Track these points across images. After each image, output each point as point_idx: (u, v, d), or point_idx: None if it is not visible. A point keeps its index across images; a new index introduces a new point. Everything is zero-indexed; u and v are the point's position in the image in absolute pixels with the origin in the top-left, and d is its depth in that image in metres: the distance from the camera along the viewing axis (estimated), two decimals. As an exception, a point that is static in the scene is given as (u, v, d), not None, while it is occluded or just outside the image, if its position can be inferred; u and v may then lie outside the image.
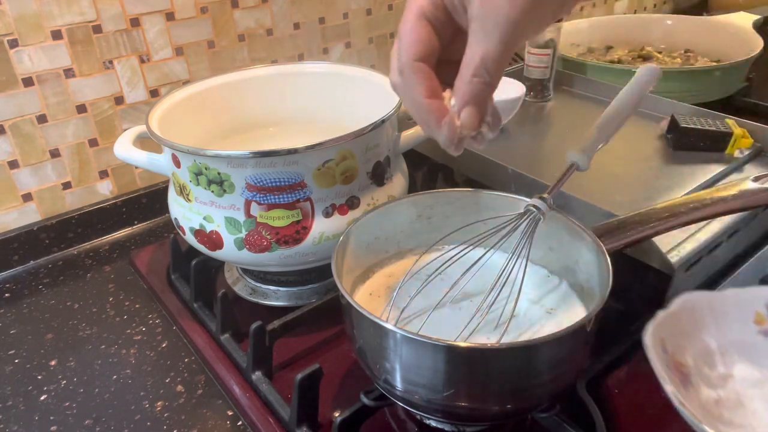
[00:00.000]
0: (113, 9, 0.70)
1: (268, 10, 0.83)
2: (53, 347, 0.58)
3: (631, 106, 0.48)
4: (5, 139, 0.68)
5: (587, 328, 0.38)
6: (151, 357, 0.57)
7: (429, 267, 0.48)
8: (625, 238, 0.47)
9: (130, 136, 0.61)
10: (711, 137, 0.68)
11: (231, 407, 0.51)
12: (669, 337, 0.43)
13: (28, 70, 0.67)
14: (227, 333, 0.56)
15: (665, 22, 1.14)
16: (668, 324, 0.43)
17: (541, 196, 0.44)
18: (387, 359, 0.39)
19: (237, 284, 0.64)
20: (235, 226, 0.54)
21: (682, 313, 0.44)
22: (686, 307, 0.45)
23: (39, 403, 0.52)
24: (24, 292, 0.67)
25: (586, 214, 0.57)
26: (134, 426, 0.49)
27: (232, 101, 0.69)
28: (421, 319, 0.45)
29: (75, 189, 0.75)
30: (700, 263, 0.55)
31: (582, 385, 0.47)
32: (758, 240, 0.65)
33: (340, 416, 0.45)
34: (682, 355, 0.43)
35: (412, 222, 0.52)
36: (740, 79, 0.96)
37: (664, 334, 0.42)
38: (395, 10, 0.96)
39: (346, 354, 0.54)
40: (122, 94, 0.75)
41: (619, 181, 0.63)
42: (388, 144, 0.57)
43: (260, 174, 0.51)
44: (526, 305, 0.47)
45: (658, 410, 0.48)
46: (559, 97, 0.90)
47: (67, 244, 0.74)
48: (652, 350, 0.40)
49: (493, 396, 0.39)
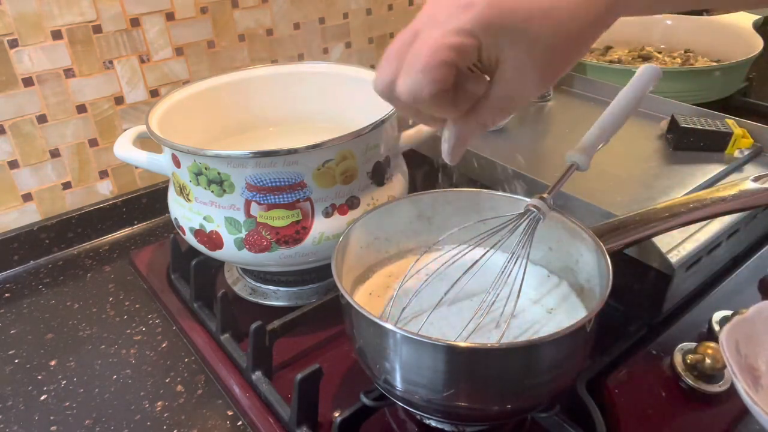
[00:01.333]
0: (113, 9, 0.70)
1: (268, 10, 0.83)
2: (53, 347, 0.58)
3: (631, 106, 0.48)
4: (5, 139, 0.68)
5: (587, 328, 0.38)
6: (151, 357, 0.57)
7: (429, 267, 0.48)
8: (625, 238, 0.47)
9: (130, 136, 0.61)
10: (711, 137, 0.68)
11: (231, 407, 0.51)
12: (743, 340, 0.43)
13: (28, 70, 0.67)
14: (227, 333, 0.56)
15: (665, 22, 1.14)
16: (743, 328, 0.43)
17: (541, 196, 0.44)
18: (387, 359, 0.39)
19: (237, 284, 0.64)
20: (235, 226, 0.54)
21: (756, 320, 0.45)
22: (761, 314, 0.45)
23: (39, 403, 0.52)
24: (24, 292, 0.67)
25: (586, 214, 0.57)
26: (134, 426, 0.49)
27: (231, 101, 0.69)
28: (421, 319, 0.45)
29: (75, 189, 0.75)
30: (700, 263, 0.55)
31: (582, 385, 0.47)
32: (758, 240, 0.65)
33: (340, 416, 0.45)
34: (755, 359, 0.44)
35: (412, 222, 0.52)
36: (740, 79, 0.96)
37: (739, 337, 0.43)
38: (395, 10, 0.96)
39: (346, 354, 0.54)
40: (122, 94, 0.75)
41: (619, 181, 0.63)
42: (388, 144, 0.57)
43: (260, 174, 0.51)
44: (526, 305, 0.47)
45: (658, 410, 0.48)
46: (558, 97, 0.90)
47: (67, 244, 0.74)
48: (726, 349, 0.40)
49: (493, 396, 0.39)
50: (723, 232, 0.56)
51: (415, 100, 0.31)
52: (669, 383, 0.50)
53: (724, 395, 0.48)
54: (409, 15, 0.98)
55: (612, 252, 0.44)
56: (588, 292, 0.46)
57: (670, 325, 0.55)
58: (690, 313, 0.57)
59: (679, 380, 0.50)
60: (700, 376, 0.49)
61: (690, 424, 0.47)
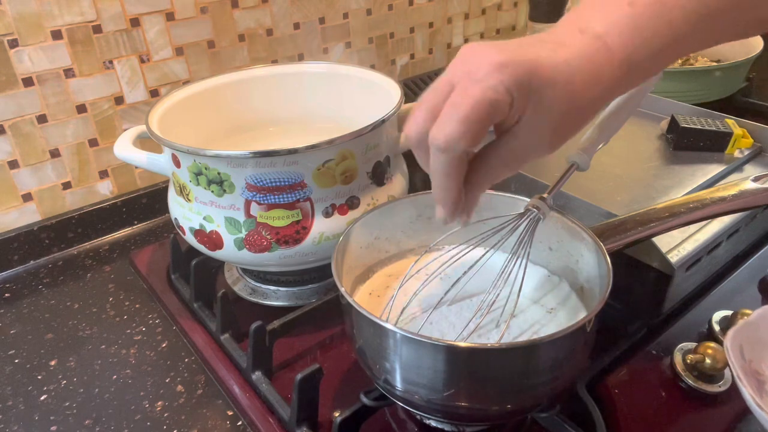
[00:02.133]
0: (113, 9, 0.70)
1: (268, 10, 0.83)
2: (53, 347, 0.58)
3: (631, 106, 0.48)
4: (5, 139, 0.68)
5: (587, 328, 0.38)
6: (151, 357, 0.57)
7: (429, 267, 0.48)
8: (625, 238, 0.47)
9: (130, 136, 0.61)
10: (711, 137, 0.68)
11: (231, 407, 0.51)
12: (747, 344, 0.43)
13: (28, 70, 0.67)
14: (227, 333, 0.56)
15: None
16: (747, 332, 0.43)
17: (541, 196, 0.44)
18: (387, 359, 0.39)
19: (237, 284, 0.64)
20: (235, 226, 0.54)
21: (760, 324, 0.45)
22: (766, 319, 0.45)
23: (39, 403, 0.52)
24: (24, 292, 0.67)
25: (586, 214, 0.57)
26: (134, 426, 0.49)
27: (232, 101, 0.69)
28: (421, 319, 0.45)
29: (75, 189, 0.75)
30: (700, 263, 0.55)
31: (582, 385, 0.47)
32: (758, 240, 0.65)
33: (340, 416, 0.45)
34: (758, 363, 0.44)
35: (412, 222, 0.52)
36: (740, 79, 0.96)
37: (743, 341, 0.43)
38: (395, 10, 0.96)
39: (346, 354, 0.54)
40: (122, 94, 0.75)
41: (619, 181, 0.63)
42: (388, 144, 0.57)
43: (260, 174, 0.51)
44: (526, 305, 0.47)
45: (658, 410, 0.48)
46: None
47: (67, 244, 0.74)
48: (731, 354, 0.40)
49: (493, 396, 0.39)
50: (723, 232, 0.56)
51: (448, 149, 0.33)
52: (669, 383, 0.50)
53: (724, 395, 0.48)
54: (409, 15, 0.98)
55: (612, 252, 0.44)
56: (588, 292, 0.46)
57: (670, 325, 0.55)
58: (690, 313, 0.57)
59: (679, 380, 0.50)
60: (700, 376, 0.49)
61: (690, 424, 0.47)
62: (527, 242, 0.42)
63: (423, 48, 1.04)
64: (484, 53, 0.32)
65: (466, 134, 0.32)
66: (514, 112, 0.32)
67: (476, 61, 0.32)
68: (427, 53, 1.05)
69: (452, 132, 0.32)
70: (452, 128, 0.32)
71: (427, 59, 1.06)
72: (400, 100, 0.57)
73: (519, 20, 1.18)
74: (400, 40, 1.00)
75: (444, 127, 0.32)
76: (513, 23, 1.17)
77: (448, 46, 1.08)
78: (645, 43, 0.33)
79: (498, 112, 0.32)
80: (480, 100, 0.31)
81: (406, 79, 1.00)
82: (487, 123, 0.32)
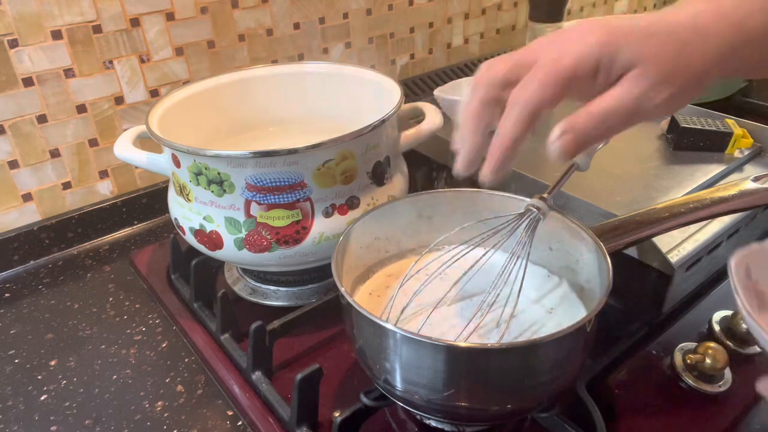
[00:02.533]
0: (113, 9, 0.70)
1: (268, 10, 0.83)
2: (53, 347, 0.58)
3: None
4: (5, 139, 0.68)
5: (587, 328, 0.38)
6: (151, 357, 0.57)
7: (429, 267, 0.48)
8: (625, 238, 0.47)
9: (130, 136, 0.61)
10: (711, 137, 0.68)
11: (231, 407, 0.51)
12: (755, 267, 0.42)
13: (28, 70, 0.67)
14: (227, 333, 0.56)
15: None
16: (757, 256, 0.42)
17: (541, 196, 0.44)
18: (387, 359, 0.39)
19: (237, 284, 0.64)
20: (235, 226, 0.54)
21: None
22: None
23: (39, 403, 0.52)
24: (24, 292, 0.67)
25: (586, 214, 0.57)
26: (134, 426, 0.49)
27: (232, 101, 0.69)
28: (421, 319, 0.45)
29: (75, 189, 0.75)
30: (700, 263, 0.55)
31: (582, 385, 0.47)
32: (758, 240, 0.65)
33: (340, 416, 0.45)
34: (764, 285, 0.43)
35: (412, 222, 0.52)
36: (740, 79, 0.96)
37: (752, 262, 0.42)
38: (395, 10, 0.96)
39: (346, 354, 0.54)
40: (122, 94, 0.75)
41: (619, 181, 0.63)
42: (388, 144, 0.57)
43: (260, 174, 0.51)
44: (526, 305, 0.47)
45: (658, 410, 0.48)
46: (559, 97, 0.90)
47: (67, 244, 0.74)
48: (734, 270, 0.39)
49: (493, 396, 0.39)
50: (723, 232, 0.56)
51: (529, 107, 0.33)
52: (669, 383, 0.50)
53: (724, 395, 0.48)
54: (409, 15, 0.98)
55: (612, 252, 0.44)
56: (588, 292, 0.46)
57: (670, 325, 0.55)
58: (690, 313, 0.57)
59: (679, 380, 0.50)
60: (700, 376, 0.49)
61: (690, 425, 0.47)
62: (527, 242, 0.42)
63: (423, 48, 1.04)
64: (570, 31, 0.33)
65: (553, 93, 0.32)
66: (611, 68, 0.33)
67: (564, 36, 0.33)
68: (427, 53, 1.05)
69: (539, 89, 0.33)
70: (540, 85, 0.32)
71: (427, 59, 1.06)
72: (400, 100, 0.57)
73: (519, 20, 1.18)
74: (400, 40, 1.00)
75: (532, 84, 0.33)
76: (513, 23, 1.17)
77: (448, 46, 1.08)
78: (762, 10, 0.33)
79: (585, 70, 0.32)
80: (578, 54, 0.32)
81: (406, 79, 1.00)
82: (571, 84, 0.33)
